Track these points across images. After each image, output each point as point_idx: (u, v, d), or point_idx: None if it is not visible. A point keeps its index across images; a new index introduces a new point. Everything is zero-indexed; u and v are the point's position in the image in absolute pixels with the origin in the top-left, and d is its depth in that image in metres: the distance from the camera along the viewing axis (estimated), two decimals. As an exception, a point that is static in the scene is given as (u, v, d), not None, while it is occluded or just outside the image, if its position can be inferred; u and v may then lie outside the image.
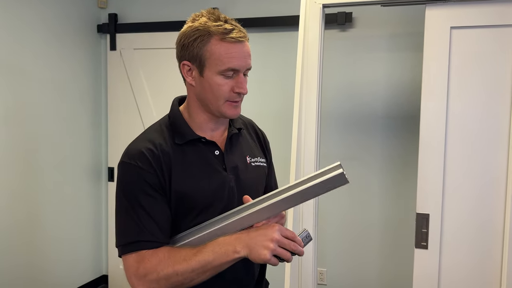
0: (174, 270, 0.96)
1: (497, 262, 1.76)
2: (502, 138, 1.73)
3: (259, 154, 1.23)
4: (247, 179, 1.15)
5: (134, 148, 1.05)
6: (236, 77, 1.05)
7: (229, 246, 0.96)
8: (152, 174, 1.02)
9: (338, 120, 2.83)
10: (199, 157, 1.09)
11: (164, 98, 3.14)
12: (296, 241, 0.97)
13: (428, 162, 1.82)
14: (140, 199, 1.01)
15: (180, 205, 1.05)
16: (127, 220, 1.01)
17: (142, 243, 1.00)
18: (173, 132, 1.10)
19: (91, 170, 3.33)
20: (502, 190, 1.73)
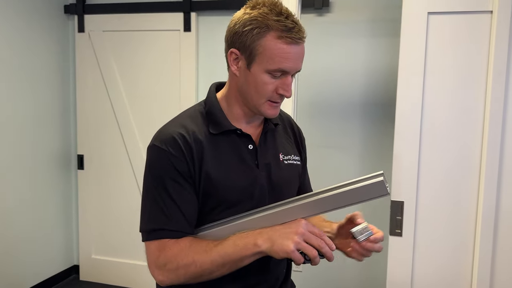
0: (194, 260, 0.93)
1: (469, 248, 1.79)
2: (477, 125, 1.73)
3: (293, 152, 1.17)
4: (280, 178, 1.10)
5: (166, 132, 1.00)
6: (283, 78, 0.99)
7: (250, 238, 0.92)
8: (182, 162, 0.97)
9: (315, 107, 2.80)
10: (233, 149, 1.04)
11: (136, 83, 3.04)
12: (325, 240, 0.91)
13: (403, 149, 1.82)
14: (168, 187, 0.97)
15: (208, 197, 1.01)
16: (153, 206, 0.98)
17: (166, 232, 0.97)
18: (208, 121, 1.05)
19: (60, 158, 3.21)
20: (476, 178, 1.74)
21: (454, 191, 1.78)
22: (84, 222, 3.28)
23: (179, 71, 2.93)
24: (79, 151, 3.24)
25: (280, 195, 1.09)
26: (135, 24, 2.99)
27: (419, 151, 1.80)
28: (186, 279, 0.95)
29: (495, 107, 1.68)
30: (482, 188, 1.71)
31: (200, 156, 0.99)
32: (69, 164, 3.29)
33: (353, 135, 2.75)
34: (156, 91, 3.00)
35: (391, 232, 1.87)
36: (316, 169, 2.89)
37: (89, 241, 3.27)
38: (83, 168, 3.23)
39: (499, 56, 1.66)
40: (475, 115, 1.73)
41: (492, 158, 1.69)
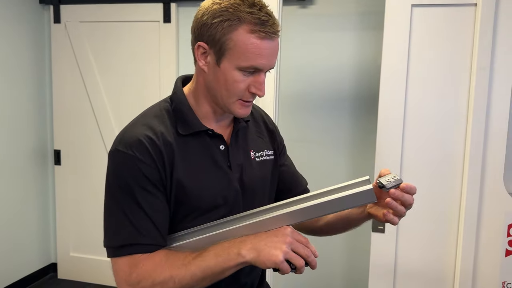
0: (171, 275, 0.85)
1: (452, 243, 1.77)
2: (460, 120, 1.71)
3: (265, 146, 1.10)
4: (252, 178, 1.03)
5: (131, 134, 0.91)
6: (256, 75, 0.91)
7: (233, 248, 0.85)
8: (151, 167, 0.88)
9: (298, 102, 2.76)
10: (204, 152, 0.96)
11: (114, 76, 2.95)
12: (310, 248, 0.86)
13: (386, 145, 1.79)
14: (137, 196, 0.88)
15: (180, 204, 0.93)
16: (121, 219, 0.88)
17: (137, 247, 0.88)
18: (176, 120, 0.96)
19: (36, 153, 3.11)
20: (459, 173, 1.72)
21: (438, 187, 1.76)
22: (61, 219, 3.19)
23: (158, 64, 2.85)
24: (56, 146, 3.14)
25: (253, 195, 1.03)
26: (113, 15, 2.89)
27: (402, 146, 1.77)
28: None
29: (479, 101, 1.65)
30: (466, 184, 1.69)
31: (171, 161, 0.91)
32: (46, 160, 3.19)
33: (338, 130, 2.71)
34: (135, 84, 2.91)
35: (374, 229, 1.85)
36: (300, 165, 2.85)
37: (67, 238, 3.19)
38: (60, 163, 3.14)
39: (482, 49, 1.64)
40: (458, 109, 1.71)
41: (475, 154, 1.67)
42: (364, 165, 2.66)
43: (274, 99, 1.93)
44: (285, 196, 1.15)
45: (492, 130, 1.66)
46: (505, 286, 1.68)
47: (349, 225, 1.07)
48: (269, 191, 1.10)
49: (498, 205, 1.67)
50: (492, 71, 1.65)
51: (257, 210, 0.92)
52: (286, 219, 0.88)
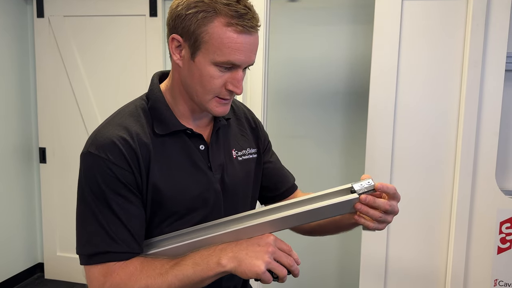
0: (147, 285, 0.81)
1: (444, 241, 1.75)
2: (451, 115, 1.68)
3: (248, 145, 1.05)
4: (234, 178, 0.98)
5: (104, 136, 0.85)
6: (233, 72, 0.86)
7: (212, 257, 0.81)
8: (126, 171, 0.84)
9: (287, 97, 2.71)
10: (183, 152, 0.91)
11: (99, 72, 2.88)
12: (293, 256, 0.83)
13: (376, 139, 1.75)
14: (111, 202, 0.83)
15: (157, 209, 0.89)
16: (93, 225, 0.84)
17: (111, 255, 0.83)
18: (152, 119, 0.91)
19: (21, 151, 3.03)
20: (451, 169, 1.69)
21: (429, 183, 1.73)
22: (47, 218, 3.13)
23: (145, 59, 2.78)
24: (41, 144, 3.06)
25: (236, 196, 0.99)
26: (98, 9, 2.82)
27: (392, 142, 1.74)
28: None
29: (471, 97, 1.62)
30: (457, 181, 1.66)
31: (147, 163, 0.86)
32: (31, 158, 3.11)
33: (329, 125, 2.68)
34: (121, 80, 2.85)
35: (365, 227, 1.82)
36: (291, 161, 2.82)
37: (54, 238, 3.12)
38: (45, 161, 3.07)
39: (474, 44, 1.60)
40: (450, 105, 1.68)
41: (467, 150, 1.64)
42: (356, 160, 2.63)
43: (262, 94, 1.88)
44: (271, 193, 1.12)
45: (484, 126, 1.63)
46: (497, 283, 1.66)
47: (340, 229, 1.04)
48: (252, 191, 1.06)
49: (490, 202, 1.64)
50: (484, 66, 1.62)
51: (240, 216, 0.88)
52: (268, 227, 0.85)
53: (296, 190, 1.18)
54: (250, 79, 1.91)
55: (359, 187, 0.84)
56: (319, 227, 1.07)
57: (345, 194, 0.84)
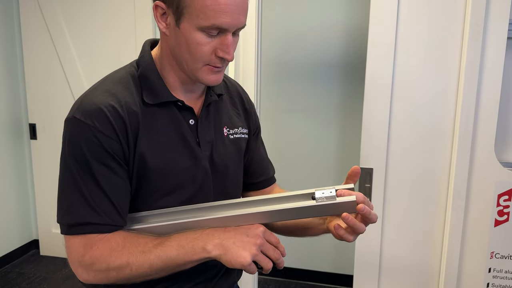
0: (128, 262, 0.78)
1: (441, 214, 1.73)
2: (451, 86, 1.63)
3: (240, 124, 1.01)
4: (224, 156, 0.94)
5: (91, 102, 0.81)
6: (222, 37, 0.80)
7: (198, 241, 0.79)
8: (112, 140, 0.79)
9: (281, 70, 2.65)
10: (172, 125, 0.87)
11: (88, 45, 2.79)
12: (280, 249, 0.81)
13: (373, 113, 1.70)
14: (94, 171, 0.79)
15: (143, 182, 0.85)
16: (75, 195, 0.80)
17: (92, 226, 0.80)
18: (141, 87, 0.86)
19: (11, 127, 2.97)
20: (449, 141, 1.66)
21: (426, 158, 1.70)
22: (41, 195, 3.10)
23: (134, 31, 2.69)
24: (31, 120, 3.00)
25: (225, 175, 0.95)
26: (84, -22, 2.71)
27: (389, 115, 1.70)
28: (118, 281, 0.81)
29: (471, 67, 1.57)
30: (455, 153, 1.62)
31: (135, 133, 0.82)
32: (21, 134, 3.06)
33: (326, 98, 2.62)
34: (110, 53, 2.76)
35: (360, 201, 1.79)
36: (286, 136, 2.79)
37: (48, 215, 3.10)
38: (36, 137, 3.01)
39: (475, 12, 1.54)
40: (449, 76, 1.62)
41: (466, 122, 1.60)
42: (352, 134, 2.59)
43: (255, 66, 1.82)
44: (248, 179, 1.08)
45: (484, 97, 1.59)
46: (493, 256, 1.65)
47: (306, 233, 1.00)
48: (240, 171, 1.02)
49: (489, 175, 1.61)
50: (485, 35, 1.56)
51: (232, 202, 0.85)
52: (260, 218, 0.82)
53: (273, 184, 1.14)
54: (242, 52, 1.85)
55: (319, 195, 0.81)
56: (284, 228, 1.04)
57: (304, 199, 0.82)
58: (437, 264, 1.76)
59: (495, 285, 1.68)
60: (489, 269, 1.67)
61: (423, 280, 1.79)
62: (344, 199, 0.80)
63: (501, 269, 1.66)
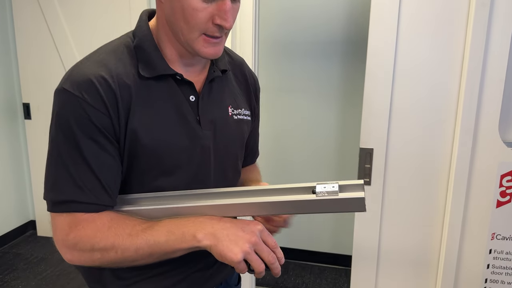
0: (114, 245, 0.74)
1: (442, 195, 1.70)
2: (455, 64, 1.57)
3: (244, 105, 0.95)
4: (227, 137, 0.89)
5: (81, 72, 0.76)
6: (219, 2, 0.75)
7: (189, 228, 0.73)
8: (102, 114, 0.74)
9: (280, 48, 2.58)
10: (169, 101, 0.81)
11: (81, 20, 2.71)
12: (277, 253, 0.74)
13: (374, 91, 1.66)
14: (81, 146, 0.74)
15: (136, 161, 0.79)
16: (61, 171, 0.75)
17: (77, 204, 0.75)
18: (137, 59, 0.80)
19: (4, 107, 2.91)
20: (452, 120, 1.61)
21: (428, 137, 1.66)
22: (36, 175, 3.06)
23: (128, 5, 2.61)
24: (24, 99, 2.94)
25: (227, 159, 0.90)
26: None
27: (391, 94, 1.65)
28: (103, 264, 0.77)
29: (476, 43, 1.51)
30: (458, 132, 1.58)
31: (127, 107, 0.76)
32: (15, 114, 3.00)
33: (326, 77, 2.56)
34: (104, 28, 2.68)
35: (360, 181, 1.76)
36: (286, 116, 2.74)
37: (44, 195, 3.07)
38: (30, 117, 2.96)
39: (483, -16, 1.47)
40: (454, 52, 1.57)
41: (470, 100, 1.55)
42: (354, 113, 2.55)
43: (253, 43, 1.76)
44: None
45: (489, 74, 1.53)
46: (494, 237, 1.63)
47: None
48: (240, 154, 0.96)
49: (492, 155, 1.58)
50: (491, 11, 1.50)
51: (229, 190, 0.79)
52: (257, 209, 0.77)
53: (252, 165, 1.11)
54: (239, 28, 1.78)
55: (320, 189, 0.73)
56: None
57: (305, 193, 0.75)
58: (437, 245, 1.74)
59: (495, 266, 1.66)
60: (490, 250, 1.66)
61: (423, 261, 1.77)
62: (348, 195, 0.72)
63: (502, 251, 1.64)
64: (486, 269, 1.68)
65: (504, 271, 1.66)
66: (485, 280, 1.69)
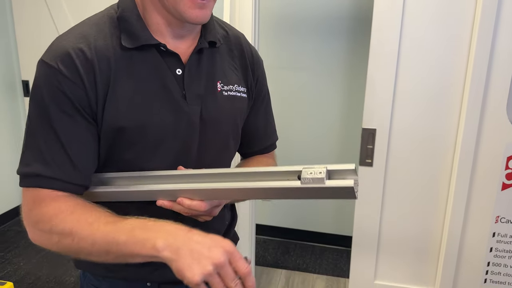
0: (72, 231, 0.69)
1: (445, 179, 1.65)
2: (462, 40, 1.51)
3: (237, 81, 0.89)
4: (217, 113, 0.83)
5: (59, 44, 0.74)
6: None
7: (152, 233, 0.65)
8: (77, 87, 0.71)
9: (282, 23, 2.50)
10: (153, 73, 0.77)
11: (79, -4, 2.64)
12: (246, 281, 0.64)
13: (378, 69, 1.60)
14: (53, 119, 0.71)
15: (116, 136, 0.76)
16: (32, 143, 0.73)
17: (42, 179, 0.72)
18: (119, 30, 0.77)
19: (4, 85, 2.88)
20: (458, 103, 1.56)
21: (433, 117, 1.60)
22: (37, 154, 3.05)
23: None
24: (24, 77, 2.91)
25: (216, 134, 0.84)
26: None
27: (395, 72, 1.59)
28: (59, 249, 0.72)
29: (485, 20, 1.44)
30: (464, 112, 1.53)
31: (106, 80, 0.73)
32: (15, 92, 2.97)
33: (331, 54, 2.49)
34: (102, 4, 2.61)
35: (361, 162, 1.72)
36: (289, 94, 2.68)
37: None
38: (29, 95, 2.92)
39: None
40: (462, 29, 1.50)
41: (477, 79, 1.49)
42: (358, 93, 2.49)
43: (253, 18, 1.70)
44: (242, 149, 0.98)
45: (498, 52, 1.47)
46: (498, 220, 1.60)
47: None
48: (235, 134, 0.91)
49: (499, 136, 1.52)
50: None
51: (209, 172, 0.74)
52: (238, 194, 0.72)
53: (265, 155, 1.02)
54: (238, 4, 1.71)
55: (305, 175, 0.66)
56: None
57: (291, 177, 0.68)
58: (439, 227, 1.71)
59: (499, 249, 1.63)
60: (493, 233, 1.62)
61: (424, 244, 1.74)
62: (335, 183, 0.64)
63: (506, 234, 1.61)
64: (489, 252, 1.64)
65: (507, 254, 1.63)
66: (488, 263, 1.66)
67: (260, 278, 2.43)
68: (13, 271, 2.43)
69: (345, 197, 0.65)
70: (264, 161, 1.00)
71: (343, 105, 2.56)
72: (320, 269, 2.53)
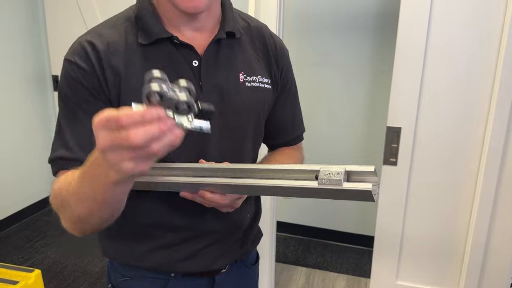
0: (60, 187, 0.69)
1: (471, 180, 1.62)
2: (492, 42, 1.47)
3: (261, 72, 0.88)
4: (238, 105, 0.83)
5: (77, 41, 0.80)
6: None
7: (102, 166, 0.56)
8: (90, 74, 0.75)
9: (307, 20, 2.49)
10: (169, 67, 0.78)
11: (108, -7, 2.70)
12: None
13: (404, 68, 1.58)
14: (72, 105, 0.77)
15: None
16: (57, 131, 0.80)
17: (65, 162, 0.76)
18: (137, 29, 0.79)
19: (35, 80, 2.97)
20: (486, 103, 1.52)
21: (460, 117, 1.57)
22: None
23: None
24: (54, 72, 2.99)
25: (238, 127, 0.84)
26: None
27: (422, 71, 1.56)
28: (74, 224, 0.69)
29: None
30: (492, 116, 1.49)
31: (116, 70, 0.76)
32: (45, 86, 3.06)
33: (354, 51, 2.47)
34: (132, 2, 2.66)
35: (385, 161, 1.70)
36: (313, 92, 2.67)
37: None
38: (59, 90, 3.01)
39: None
40: (492, 28, 1.46)
41: (506, 83, 1.45)
42: (384, 92, 2.46)
43: (277, 16, 1.70)
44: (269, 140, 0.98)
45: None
46: (526, 224, 1.55)
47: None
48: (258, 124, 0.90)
49: (529, 138, 1.48)
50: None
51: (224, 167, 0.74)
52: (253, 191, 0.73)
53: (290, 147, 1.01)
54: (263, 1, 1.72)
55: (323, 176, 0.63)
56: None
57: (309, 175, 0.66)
58: (464, 230, 1.68)
59: (526, 254, 1.59)
60: (521, 237, 1.58)
61: (448, 245, 1.71)
62: (353, 186, 0.62)
63: (534, 238, 1.56)
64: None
65: (535, 259, 1.59)
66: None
67: (281, 275, 2.44)
68: (41, 259, 2.51)
69: (363, 199, 0.63)
70: (290, 153, 1.00)
71: (368, 102, 2.53)
72: (341, 268, 2.52)
